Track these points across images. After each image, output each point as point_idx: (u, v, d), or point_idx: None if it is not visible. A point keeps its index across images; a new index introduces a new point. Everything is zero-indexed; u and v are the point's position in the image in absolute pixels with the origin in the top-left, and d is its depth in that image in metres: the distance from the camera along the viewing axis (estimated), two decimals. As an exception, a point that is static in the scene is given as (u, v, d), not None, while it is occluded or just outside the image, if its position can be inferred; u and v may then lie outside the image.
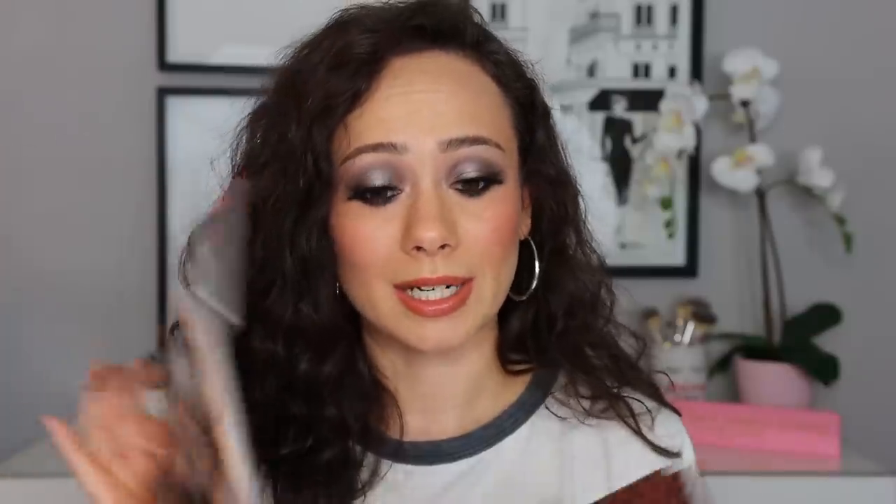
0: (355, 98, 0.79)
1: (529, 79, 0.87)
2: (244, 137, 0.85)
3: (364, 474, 0.84)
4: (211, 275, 0.74)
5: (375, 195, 0.79)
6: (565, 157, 0.89)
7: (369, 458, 0.84)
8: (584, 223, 0.90)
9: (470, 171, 0.79)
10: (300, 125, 0.80)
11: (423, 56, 0.82)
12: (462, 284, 0.79)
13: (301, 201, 0.80)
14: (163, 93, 1.89)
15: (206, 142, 0.87)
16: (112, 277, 1.91)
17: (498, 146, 0.81)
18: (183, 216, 0.89)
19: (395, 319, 0.80)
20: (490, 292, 0.81)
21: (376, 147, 0.78)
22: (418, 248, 0.77)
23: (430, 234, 0.77)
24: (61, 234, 1.91)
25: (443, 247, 0.78)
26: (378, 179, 0.79)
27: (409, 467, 0.85)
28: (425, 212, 0.77)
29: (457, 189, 0.80)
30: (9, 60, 1.91)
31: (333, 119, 0.79)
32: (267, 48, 0.87)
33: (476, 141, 0.79)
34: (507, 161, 0.82)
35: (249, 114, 0.85)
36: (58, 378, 1.89)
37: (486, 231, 0.79)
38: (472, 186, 0.80)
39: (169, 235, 1.88)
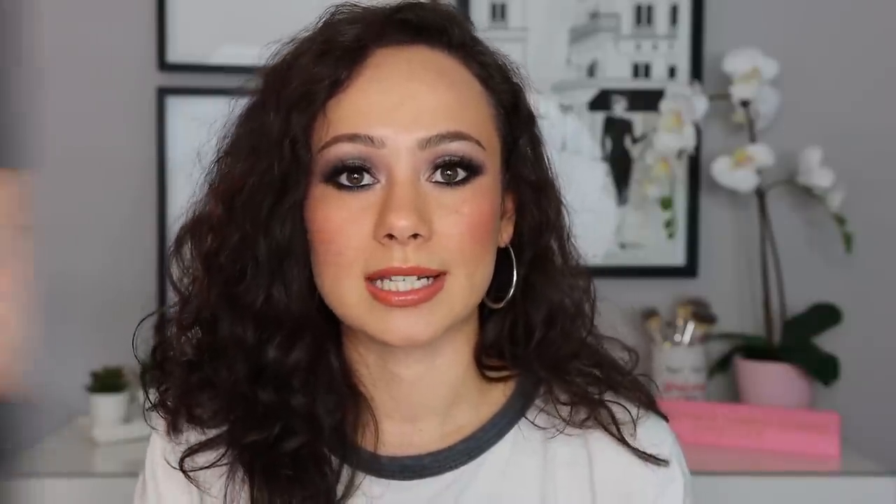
0: (336, 85, 0.79)
1: (515, 83, 0.86)
2: (230, 128, 0.86)
3: (341, 487, 0.83)
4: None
5: (349, 181, 0.79)
6: (550, 166, 0.88)
7: (346, 471, 0.83)
8: (569, 235, 0.89)
9: (448, 165, 0.79)
10: (280, 111, 0.80)
11: (407, 49, 0.82)
12: (434, 278, 0.78)
13: (278, 187, 0.80)
14: (163, 93, 1.89)
15: (206, 141, 0.87)
16: (111, 278, 1.91)
17: (478, 143, 0.80)
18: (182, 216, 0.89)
19: (362, 311, 0.79)
20: (461, 291, 0.79)
21: (353, 138, 0.78)
22: (390, 237, 0.77)
23: (401, 222, 0.76)
24: (61, 234, 1.91)
25: (415, 237, 0.77)
26: (353, 166, 0.79)
27: (387, 482, 0.84)
28: (398, 200, 0.77)
29: (435, 182, 0.79)
30: (9, 60, 1.90)
31: (313, 106, 0.79)
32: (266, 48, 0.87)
33: (456, 136, 0.79)
34: (488, 159, 0.81)
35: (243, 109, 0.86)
36: (57, 379, 1.89)
37: (462, 226, 0.78)
38: (450, 179, 0.79)
39: (169, 236, 1.88)
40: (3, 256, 0.69)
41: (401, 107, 0.78)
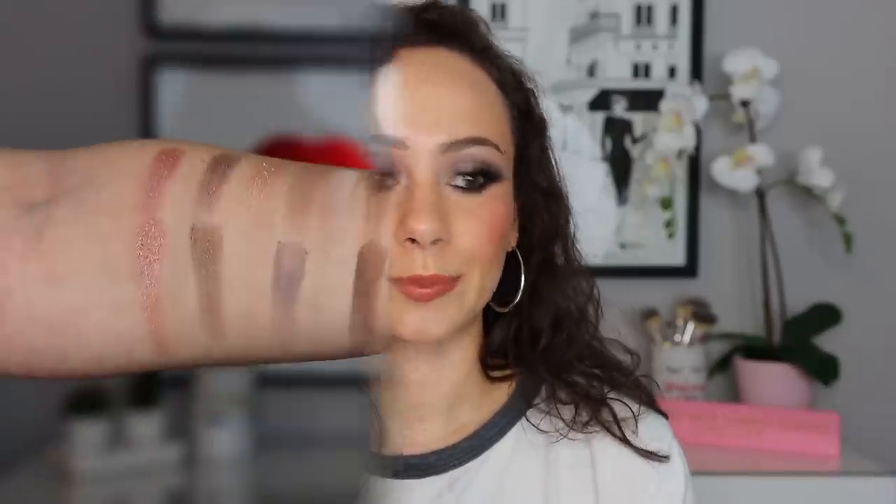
0: None
1: (529, 88, 0.88)
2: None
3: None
4: None
5: None
6: (559, 172, 0.89)
7: None
8: (574, 241, 0.90)
9: (469, 170, 0.79)
10: None
11: (430, 51, 0.82)
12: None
13: None
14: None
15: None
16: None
17: (497, 148, 0.81)
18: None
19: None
20: (472, 290, 0.80)
21: (376, 137, 0.79)
22: (412, 241, 0.77)
23: (423, 226, 0.76)
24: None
25: (435, 242, 0.77)
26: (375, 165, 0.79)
27: (392, 480, 0.85)
28: (421, 204, 0.77)
29: (455, 186, 0.79)
30: None
31: None
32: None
33: (477, 141, 0.80)
34: (505, 164, 0.82)
35: None
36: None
37: (482, 230, 0.79)
38: (470, 183, 0.79)
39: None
40: (3, 235, 0.68)
41: (424, 110, 0.79)
